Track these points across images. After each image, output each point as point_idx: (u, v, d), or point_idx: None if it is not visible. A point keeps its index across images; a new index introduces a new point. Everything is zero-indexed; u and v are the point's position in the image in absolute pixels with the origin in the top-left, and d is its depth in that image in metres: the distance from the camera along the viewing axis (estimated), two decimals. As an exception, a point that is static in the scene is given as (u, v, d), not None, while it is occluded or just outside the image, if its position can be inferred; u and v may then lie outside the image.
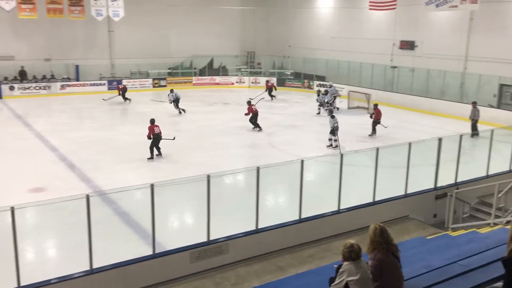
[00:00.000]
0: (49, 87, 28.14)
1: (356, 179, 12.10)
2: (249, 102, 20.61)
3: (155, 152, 15.58)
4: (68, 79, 29.66)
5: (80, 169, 14.29)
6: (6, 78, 28.01)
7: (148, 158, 15.41)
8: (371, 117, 19.28)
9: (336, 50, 31.33)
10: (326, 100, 23.80)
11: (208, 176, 8.25)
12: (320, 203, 10.95)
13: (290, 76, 34.03)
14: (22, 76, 28.33)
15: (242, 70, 35.73)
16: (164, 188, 8.82)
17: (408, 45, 27.29)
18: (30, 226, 10.21)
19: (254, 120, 19.82)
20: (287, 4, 35.28)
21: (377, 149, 10.54)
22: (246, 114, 19.92)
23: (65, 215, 10.22)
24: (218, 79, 33.63)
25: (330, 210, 9.98)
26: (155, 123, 15.76)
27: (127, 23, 30.08)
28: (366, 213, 10.20)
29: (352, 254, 4.75)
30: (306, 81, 32.27)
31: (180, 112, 23.31)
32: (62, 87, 28.46)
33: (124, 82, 30.09)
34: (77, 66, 29.93)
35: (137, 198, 11.72)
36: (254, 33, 37.23)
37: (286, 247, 9.15)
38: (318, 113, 23.67)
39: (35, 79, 28.65)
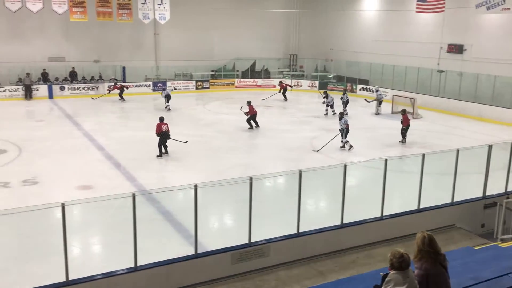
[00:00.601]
0: (97, 87, 29.07)
1: (400, 185, 11.84)
2: (249, 102, 20.73)
3: (162, 150, 15.93)
4: (115, 80, 30.50)
5: (125, 168, 14.67)
6: (57, 79, 29.16)
7: (157, 156, 15.77)
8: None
9: (380, 54, 30.80)
10: (328, 102, 23.69)
11: (251, 179, 8.28)
12: (363, 208, 10.78)
13: (332, 80, 33.73)
14: (72, 77, 29.42)
15: (284, 73, 35.69)
16: (206, 189, 8.93)
17: (456, 49, 26.47)
18: (77, 222, 10.55)
19: (253, 119, 20.28)
20: (330, 7, 35.00)
21: (423, 155, 10.28)
22: (246, 114, 20.20)
23: (111, 212, 10.52)
24: (260, 81, 33.76)
25: (373, 216, 9.80)
26: (164, 121, 16.10)
27: (172, 25, 30.70)
28: (410, 221, 9.96)
29: (403, 264, 4.62)
30: (349, 84, 31.88)
31: (168, 109, 24.22)
32: (110, 88, 29.31)
33: (169, 83, 30.75)
34: (123, 68, 30.80)
35: (180, 198, 11.94)
36: (297, 36, 37.20)
37: (327, 252, 9.05)
38: (326, 114, 23.77)
39: (84, 80, 29.69)
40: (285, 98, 28.74)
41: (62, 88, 28.31)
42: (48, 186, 13.04)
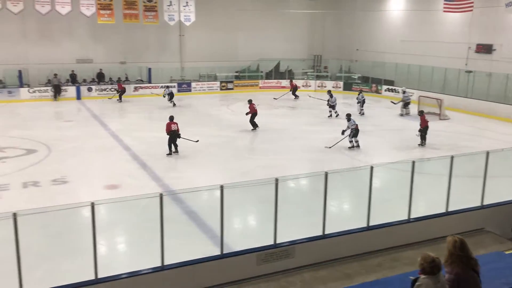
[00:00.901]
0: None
1: (427, 187, 11.65)
2: (250, 101, 20.67)
3: (173, 148, 16.24)
4: (141, 81, 30.99)
5: (151, 168, 14.84)
6: (84, 80, 29.73)
7: (167, 154, 16.12)
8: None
9: (406, 54, 30.41)
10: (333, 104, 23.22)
11: (277, 180, 8.27)
12: (389, 211, 10.65)
13: (357, 80, 33.44)
14: (99, 78, 29.95)
15: (309, 73, 35.58)
16: (231, 189, 8.95)
17: (485, 49, 25.91)
18: (104, 221, 10.72)
19: (252, 119, 20.09)
20: (355, 7, 34.73)
21: (452, 157, 10.08)
22: (247, 114, 20.17)
23: (137, 212, 10.66)
24: (284, 82, 33.71)
25: (400, 219, 9.66)
26: (174, 121, 16.38)
27: (197, 27, 30.96)
28: (438, 224, 9.77)
29: (434, 269, 4.55)
30: (374, 85, 31.56)
31: (173, 104, 25.71)
32: (135, 89, 29.75)
33: (193, 84, 31.02)
34: (149, 69, 31.19)
35: (205, 198, 12.02)
36: (322, 37, 37.03)
37: (353, 254, 8.96)
38: (330, 115, 23.51)
39: (111, 81, 30.18)
40: (296, 97, 29.06)
41: (89, 89, 28.84)
42: (76, 186, 13.30)
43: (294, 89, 29.37)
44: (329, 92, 24.35)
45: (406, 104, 24.29)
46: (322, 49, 37.12)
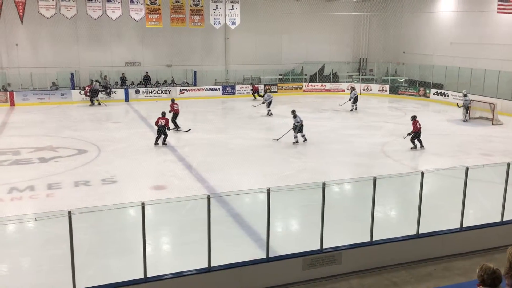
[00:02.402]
0: (169, 91, 30.08)
1: (481, 195, 11.20)
2: (172, 100, 21.22)
3: (164, 140, 17.79)
4: (187, 84, 31.52)
5: (196, 170, 15.01)
6: (132, 83, 30.55)
7: (154, 144, 17.81)
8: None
9: (456, 56, 29.43)
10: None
11: (324, 184, 8.17)
12: (440, 219, 10.31)
13: (404, 84, 32.67)
14: (146, 81, 30.67)
15: (354, 77, 35.09)
16: (275, 193, 8.90)
17: (541, 51, 24.73)
18: (151, 221, 10.91)
19: (174, 119, 20.23)
20: (402, 9, 33.96)
21: (508, 164, 9.64)
22: (169, 112, 20.35)
23: (183, 213, 10.79)
24: (328, 85, 33.40)
25: (451, 227, 9.32)
26: (164, 117, 17.93)
27: (242, 30, 31.14)
28: (493, 233, 9.37)
29: (496, 281, 4.34)
30: (421, 88, 30.74)
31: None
32: (181, 91, 30.27)
33: (237, 87, 31.27)
34: (195, 72, 31.67)
35: (249, 201, 12.03)
36: (367, 39, 36.43)
37: (402, 262, 8.72)
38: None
39: (157, 84, 30.86)
40: (255, 98, 29.35)
41: (137, 92, 29.58)
42: (124, 186, 13.62)
43: (256, 91, 29.57)
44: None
45: (467, 108, 23.28)
46: (367, 51, 36.54)
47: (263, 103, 25.77)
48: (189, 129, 18.41)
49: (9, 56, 28.75)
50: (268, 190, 7.78)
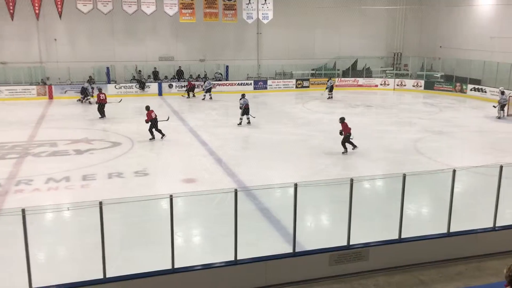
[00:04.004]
0: (201, 85, 30.35)
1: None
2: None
3: (160, 135, 17.96)
4: (220, 74, 31.76)
5: (226, 164, 15.13)
6: (166, 77, 31.00)
7: (150, 139, 17.83)
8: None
9: (496, 51, 28.50)
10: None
11: (351, 180, 8.12)
12: (472, 217, 10.07)
13: (440, 79, 31.89)
14: (179, 75, 31.06)
15: (387, 72, 34.49)
16: (304, 188, 8.90)
17: None
18: (181, 213, 11.10)
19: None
20: (439, 2, 33.11)
21: (545, 163, 9.32)
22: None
23: (211, 206, 10.93)
24: (361, 81, 32.96)
25: (484, 226, 9.10)
26: (151, 109, 17.94)
27: (275, 25, 31.09)
28: (527, 234, 9.09)
29: (524, 281, 4.25)
30: (458, 84, 29.94)
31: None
32: (214, 86, 30.48)
33: (269, 82, 31.26)
34: (227, 66, 31.84)
35: (278, 195, 12.07)
36: (402, 34, 35.71)
37: (431, 261, 8.58)
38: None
39: (190, 78, 31.17)
40: (188, 96, 28.65)
41: (170, 86, 30.00)
42: (156, 178, 13.90)
43: (191, 88, 28.82)
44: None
45: (502, 106, 22.54)
46: (402, 46, 35.84)
47: (203, 90, 27.88)
48: (168, 118, 19.54)
49: (48, 50, 29.66)
50: (295, 185, 7.79)
